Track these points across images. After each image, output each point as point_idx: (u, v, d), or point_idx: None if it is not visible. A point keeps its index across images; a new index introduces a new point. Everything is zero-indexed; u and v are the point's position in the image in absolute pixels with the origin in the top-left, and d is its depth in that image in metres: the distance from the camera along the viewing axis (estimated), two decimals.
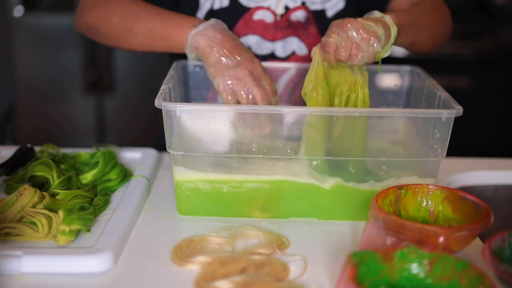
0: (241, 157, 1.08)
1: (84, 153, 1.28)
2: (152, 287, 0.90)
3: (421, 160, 1.11)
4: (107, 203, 1.11)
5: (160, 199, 1.18)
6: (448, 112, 1.06)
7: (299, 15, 1.36)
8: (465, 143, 1.95)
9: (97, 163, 1.21)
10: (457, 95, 1.15)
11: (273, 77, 1.36)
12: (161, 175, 1.28)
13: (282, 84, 1.35)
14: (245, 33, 1.36)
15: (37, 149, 1.29)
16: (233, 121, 1.07)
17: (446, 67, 2.53)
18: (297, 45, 1.37)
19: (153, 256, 0.98)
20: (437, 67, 2.05)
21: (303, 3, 1.35)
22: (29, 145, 1.27)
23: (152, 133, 1.75)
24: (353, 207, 1.11)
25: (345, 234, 1.07)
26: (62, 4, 2.85)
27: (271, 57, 1.38)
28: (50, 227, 0.99)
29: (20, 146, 1.27)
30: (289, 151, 1.08)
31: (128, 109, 2.92)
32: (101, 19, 1.28)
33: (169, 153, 1.09)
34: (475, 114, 2.45)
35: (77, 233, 1.00)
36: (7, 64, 2.89)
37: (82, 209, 1.05)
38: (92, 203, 1.09)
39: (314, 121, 1.08)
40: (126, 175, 1.21)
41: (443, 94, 1.14)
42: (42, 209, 1.01)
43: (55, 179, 1.13)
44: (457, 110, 1.06)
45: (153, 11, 1.24)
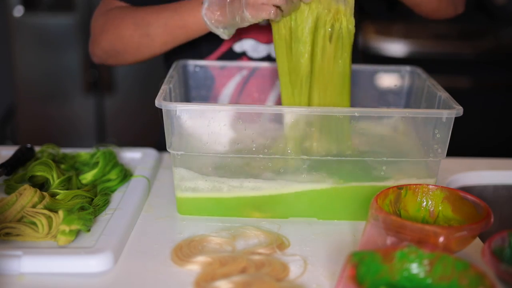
0: (241, 157, 1.08)
1: (84, 153, 1.28)
2: (152, 287, 0.90)
3: (421, 160, 1.11)
4: (107, 203, 1.11)
5: (160, 199, 1.18)
6: (448, 112, 1.06)
7: None
8: (465, 143, 1.95)
9: (97, 163, 1.21)
10: (457, 95, 1.15)
11: (271, 78, 1.36)
12: (161, 175, 1.28)
13: (279, 84, 1.35)
14: (240, 37, 1.36)
15: (37, 149, 1.29)
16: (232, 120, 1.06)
17: (446, 67, 2.53)
18: None
19: (153, 256, 0.98)
20: (437, 67, 2.05)
21: None
22: (29, 145, 1.27)
23: (152, 133, 1.75)
24: (353, 207, 1.11)
25: (345, 234, 1.07)
26: (62, 4, 2.85)
27: (268, 59, 1.38)
28: (50, 227, 0.99)
29: (20, 146, 1.27)
30: (289, 151, 1.08)
31: (128, 109, 2.92)
32: (115, 37, 1.27)
33: (169, 153, 1.09)
34: (475, 114, 2.45)
35: (77, 233, 1.00)
36: (7, 64, 2.89)
37: (82, 209, 1.05)
38: (92, 203, 1.09)
39: (292, 121, 1.07)
40: (126, 175, 1.21)
41: (443, 94, 1.14)
42: (42, 209, 1.01)
43: (55, 179, 1.13)
44: (457, 110, 1.06)
45: (159, 9, 1.24)
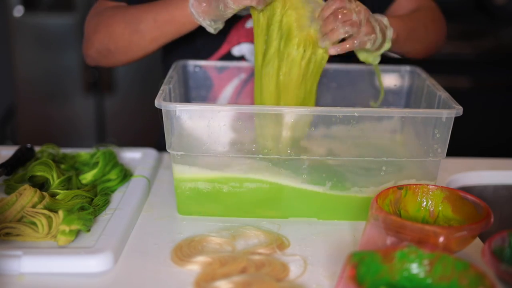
0: (241, 157, 1.08)
1: (84, 153, 1.28)
2: (152, 287, 0.90)
3: (421, 160, 1.11)
4: (107, 203, 1.11)
5: (160, 199, 1.18)
6: (448, 112, 1.06)
7: None
8: (465, 143, 1.95)
9: (97, 163, 1.21)
10: (457, 95, 1.15)
11: None
12: (161, 175, 1.28)
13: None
14: (238, 42, 1.36)
15: (37, 149, 1.29)
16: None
17: (446, 67, 2.53)
18: None
19: (153, 256, 0.98)
20: (437, 67, 2.05)
21: None
22: (29, 145, 1.27)
23: (152, 133, 1.75)
24: (353, 207, 1.11)
25: (345, 234, 1.07)
26: (62, 4, 2.85)
27: None
28: (50, 227, 0.99)
29: (20, 146, 1.27)
30: (289, 151, 1.08)
31: (128, 109, 2.92)
32: (106, 36, 1.28)
33: (169, 153, 1.09)
34: (475, 114, 2.45)
35: (77, 233, 1.00)
36: (7, 64, 2.89)
37: (82, 209, 1.05)
38: (92, 203, 1.09)
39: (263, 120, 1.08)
40: (126, 175, 1.21)
41: (443, 94, 1.14)
42: (42, 209, 1.01)
43: (55, 179, 1.13)
44: (457, 110, 1.06)
45: (149, 6, 1.25)
